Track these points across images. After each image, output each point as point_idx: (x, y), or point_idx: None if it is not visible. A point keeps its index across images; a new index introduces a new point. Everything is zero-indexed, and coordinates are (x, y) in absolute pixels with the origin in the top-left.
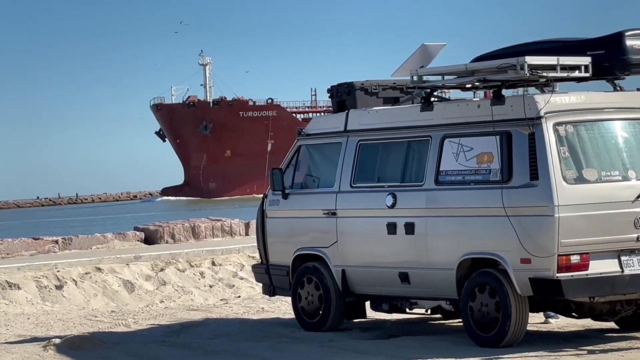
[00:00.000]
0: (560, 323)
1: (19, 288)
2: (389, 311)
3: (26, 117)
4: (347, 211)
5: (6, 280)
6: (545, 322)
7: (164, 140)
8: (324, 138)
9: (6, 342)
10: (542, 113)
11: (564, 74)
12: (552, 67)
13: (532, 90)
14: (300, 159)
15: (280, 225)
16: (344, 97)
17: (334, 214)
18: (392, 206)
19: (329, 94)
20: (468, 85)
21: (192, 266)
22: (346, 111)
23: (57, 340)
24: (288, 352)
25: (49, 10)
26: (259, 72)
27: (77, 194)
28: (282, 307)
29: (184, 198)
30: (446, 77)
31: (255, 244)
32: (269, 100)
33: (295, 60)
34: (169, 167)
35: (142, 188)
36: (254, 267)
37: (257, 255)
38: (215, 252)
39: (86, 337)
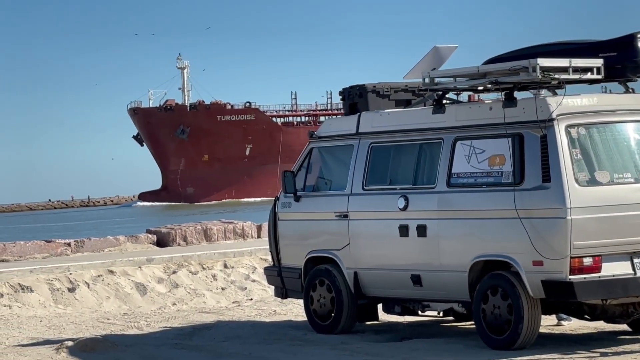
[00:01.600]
0: (573, 325)
1: (31, 291)
2: (401, 313)
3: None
4: (359, 213)
5: (19, 283)
6: (558, 325)
7: (142, 145)
8: (335, 140)
9: (19, 345)
10: (554, 115)
11: (576, 76)
12: (564, 69)
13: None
14: (312, 162)
15: (292, 227)
16: (355, 99)
17: (346, 216)
18: (404, 208)
19: (340, 97)
20: (480, 88)
21: (204, 269)
22: (358, 114)
23: (70, 343)
24: (300, 354)
25: (25, 12)
26: (239, 76)
27: (89, 197)
28: (294, 310)
29: (162, 203)
30: (458, 80)
31: (268, 247)
32: (247, 104)
33: (275, 64)
34: (146, 172)
35: (120, 193)
36: (266, 269)
37: (269, 257)
38: (228, 254)
39: (99, 339)
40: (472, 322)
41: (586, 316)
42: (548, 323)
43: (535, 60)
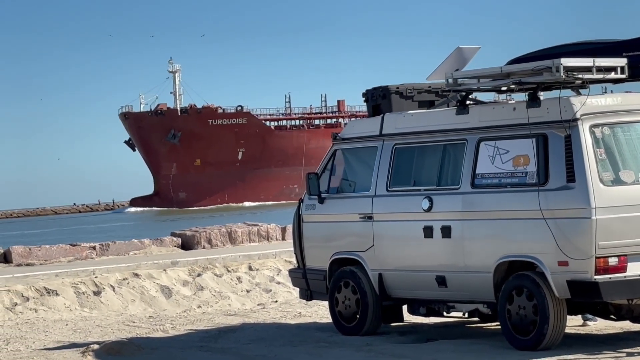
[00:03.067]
0: (599, 325)
1: (57, 294)
2: (427, 315)
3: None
4: (383, 215)
5: (44, 287)
6: (583, 325)
7: (134, 150)
8: (359, 142)
9: (45, 349)
10: (578, 115)
11: (600, 76)
12: (587, 69)
13: (567, 92)
14: (336, 164)
15: (316, 229)
16: (379, 101)
17: (370, 217)
18: (429, 210)
19: (363, 98)
20: (503, 88)
21: (229, 271)
22: (381, 115)
23: (96, 346)
24: (326, 356)
25: (17, 15)
26: (232, 80)
27: (113, 200)
28: (319, 312)
29: (154, 209)
30: (481, 80)
31: (292, 249)
32: (239, 108)
33: (269, 67)
34: (139, 177)
35: (112, 198)
36: (290, 271)
37: (293, 259)
38: (252, 257)
39: (124, 342)
40: (498, 323)
41: (612, 316)
42: (574, 323)
43: (558, 60)
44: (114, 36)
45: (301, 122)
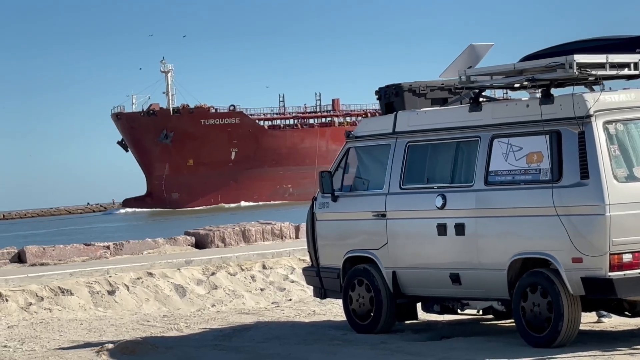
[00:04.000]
0: (613, 322)
1: (71, 294)
2: (441, 312)
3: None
4: (397, 213)
5: (59, 287)
6: (598, 322)
7: (127, 150)
8: (372, 140)
9: (60, 348)
10: (591, 111)
11: (613, 72)
12: (601, 65)
13: (580, 88)
14: (349, 162)
15: (330, 227)
16: (392, 98)
17: (383, 215)
18: (442, 207)
19: (376, 96)
20: (516, 85)
21: (242, 270)
22: (394, 113)
23: (110, 346)
24: (340, 354)
25: (7, 14)
26: (225, 79)
27: (113, 200)
28: (333, 310)
29: (146, 210)
30: (494, 77)
31: (306, 247)
32: (231, 107)
33: (263, 66)
34: (132, 178)
35: (104, 200)
36: (304, 270)
37: (307, 258)
38: (266, 255)
39: (139, 342)
40: (512, 320)
41: (626, 313)
42: (588, 320)
43: (571, 57)
44: (107, 35)
45: (295, 121)
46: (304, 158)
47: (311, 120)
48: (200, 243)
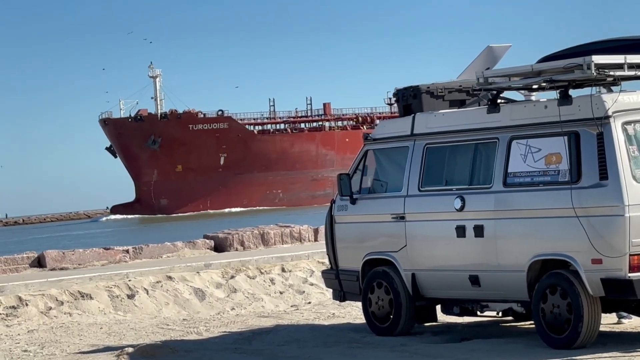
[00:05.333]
0: (634, 323)
1: (91, 298)
2: (460, 314)
3: None
4: (415, 215)
5: (78, 291)
6: (618, 323)
7: (115, 157)
8: (390, 142)
9: (80, 352)
10: (610, 112)
11: (632, 73)
12: (619, 66)
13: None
14: (368, 164)
15: (349, 230)
16: (409, 100)
17: (402, 218)
18: (461, 209)
19: (394, 98)
20: (535, 86)
21: (262, 273)
22: (412, 115)
23: (130, 349)
24: (359, 357)
25: None
26: (215, 84)
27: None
28: (352, 312)
29: (135, 216)
30: (512, 79)
31: (325, 250)
32: (220, 112)
33: (253, 70)
34: (121, 184)
35: (93, 207)
36: (323, 272)
37: (326, 260)
38: (285, 258)
39: (158, 345)
40: (532, 322)
41: None
42: (608, 321)
43: (590, 58)
44: (97, 39)
45: (285, 126)
46: (294, 163)
47: (303, 125)
48: (220, 246)
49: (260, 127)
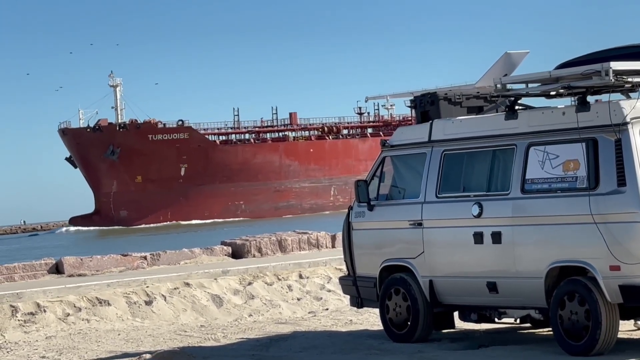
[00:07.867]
0: None
1: (109, 304)
2: (478, 321)
3: None
4: (433, 221)
5: (96, 297)
6: (637, 329)
7: (75, 167)
8: (408, 149)
9: (97, 359)
10: (628, 119)
11: None
12: (637, 72)
13: (617, 96)
14: (385, 170)
15: (366, 237)
16: (427, 107)
17: (420, 224)
18: (479, 216)
19: (412, 105)
20: (552, 93)
21: (279, 279)
22: (430, 121)
23: (148, 356)
24: None
25: None
26: (178, 94)
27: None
28: (370, 319)
29: (94, 228)
30: (530, 85)
31: (342, 256)
32: (180, 122)
33: (217, 79)
34: (81, 196)
35: (51, 218)
36: (341, 279)
37: (344, 267)
38: (302, 265)
39: (176, 352)
40: (550, 329)
41: None
42: (626, 328)
43: (608, 64)
44: (56, 46)
45: (249, 136)
46: (256, 174)
47: (267, 135)
48: (237, 253)
49: (224, 137)
